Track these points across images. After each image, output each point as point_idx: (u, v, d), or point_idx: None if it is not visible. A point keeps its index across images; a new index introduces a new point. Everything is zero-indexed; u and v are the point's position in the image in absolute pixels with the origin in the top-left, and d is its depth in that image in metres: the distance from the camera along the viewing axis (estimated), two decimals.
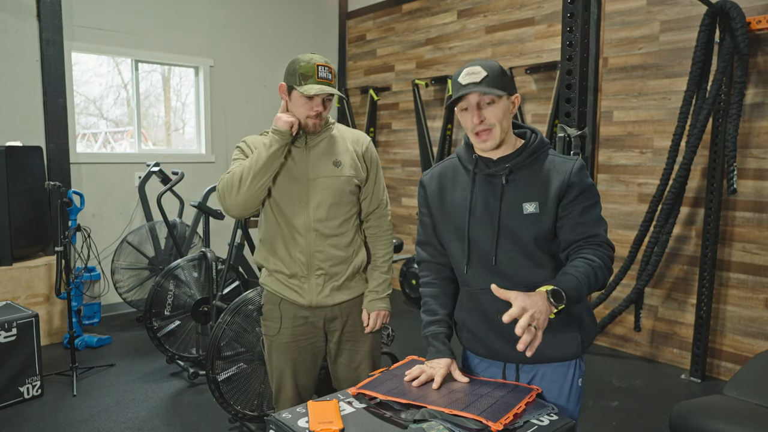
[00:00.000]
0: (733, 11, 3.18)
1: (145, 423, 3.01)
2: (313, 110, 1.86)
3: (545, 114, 4.46)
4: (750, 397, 2.26)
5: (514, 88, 1.54)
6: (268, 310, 2.04)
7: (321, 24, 6.14)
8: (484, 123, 1.47)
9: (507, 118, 1.50)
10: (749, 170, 3.47)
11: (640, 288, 3.69)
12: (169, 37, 5.11)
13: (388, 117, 5.85)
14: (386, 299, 2.06)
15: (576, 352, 1.55)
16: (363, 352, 2.05)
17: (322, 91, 1.81)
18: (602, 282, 1.44)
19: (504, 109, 1.48)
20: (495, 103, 1.46)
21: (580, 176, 1.48)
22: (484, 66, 1.46)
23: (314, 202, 1.92)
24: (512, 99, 1.51)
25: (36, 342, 3.24)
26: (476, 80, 1.44)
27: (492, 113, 1.46)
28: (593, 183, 1.52)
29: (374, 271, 2.06)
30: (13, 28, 4.33)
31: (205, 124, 5.44)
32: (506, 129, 1.50)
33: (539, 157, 1.52)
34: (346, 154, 1.96)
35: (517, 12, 4.62)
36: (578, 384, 1.58)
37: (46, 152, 4.42)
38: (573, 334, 1.54)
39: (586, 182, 1.49)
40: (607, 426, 3.03)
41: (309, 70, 1.83)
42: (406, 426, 1.32)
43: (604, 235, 1.49)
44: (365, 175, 2.00)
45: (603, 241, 1.48)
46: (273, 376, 2.06)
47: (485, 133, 1.48)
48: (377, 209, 2.05)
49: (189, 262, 3.70)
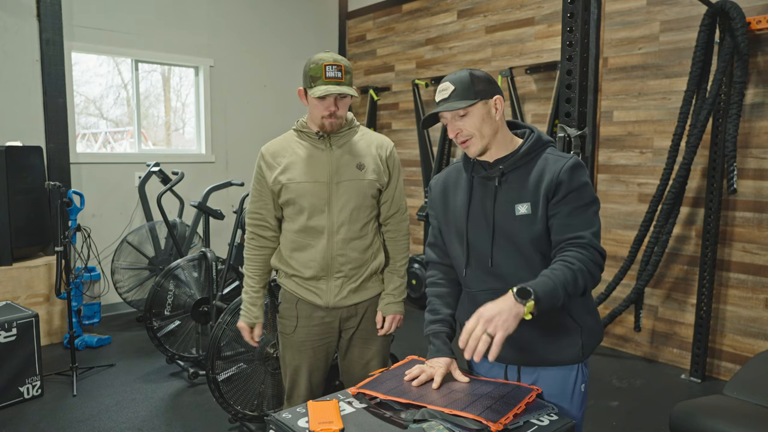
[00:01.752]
0: (733, 11, 3.18)
1: (145, 423, 3.01)
2: (327, 110, 1.85)
3: (545, 114, 4.45)
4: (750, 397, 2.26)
5: (494, 90, 1.49)
6: (284, 309, 2.05)
7: (321, 24, 6.14)
8: (462, 134, 1.49)
9: (487, 123, 1.48)
10: (749, 170, 3.47)
11: (640, 288, 3.69)
12: (169, 37, 5.11)
13: (388, 117, 5.85)
14: (401, 303, 2.08)
15: (576, 358, 1.53)
16: (374, 350, 2.06)
17: (328, 92, 1.79)
18: (583, 287, 1.38)
19: (481, 117, 1.47)
20: (468, 113, 1.47)
21: (570, 174, 1.44)
22: (452, 80, 1.48)
23: (337, 205, 1.91)
24: (491, 102, 1.49)
25: (36, 342, 3.24)
26: (445, 96, 1.48)
27: (467, 124, 1.47)
28: (587, 182, 1.46)
29: (392, 275, 2.07)
30: (13, 27, 4.33)
31: (205, 124, 5.44)
32: (489, 134, 1.49)
33: (534, 157, 1.50)
34: (369, 157, 1.96)
35: (517, 12, 4.62)
36: (581, 389, 1.56)
37: (46, 152, 4.42)
38: (573, 339, 1.52)
39: (577, 181, 1.44)
40: (607, 426, 3.03)
41: (317, 71, 1.82)
42: (406, 426, 1.32)
43: (590, 237, 1.42)
44: (387, 180, 2.00)
45: (588, 243, 1.41)
46: (286, 373, 2.08)
47: (466, 142, 1.50)
48: (396, 213, 2.05)
49: (189, 262, 3.70)
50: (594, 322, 1.57)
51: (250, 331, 2.07)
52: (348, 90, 1.83)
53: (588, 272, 1.38)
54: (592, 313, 1.58)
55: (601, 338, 1.62)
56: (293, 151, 1.95)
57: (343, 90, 1.81)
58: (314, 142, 1.93)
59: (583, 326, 1.53)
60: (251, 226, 2.03)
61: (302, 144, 1.95)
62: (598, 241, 1.44)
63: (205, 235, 3.95)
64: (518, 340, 1.52)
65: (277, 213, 2.01)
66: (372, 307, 2.05)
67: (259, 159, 1.98)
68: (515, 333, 1.51)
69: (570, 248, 1.41)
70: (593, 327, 1.56)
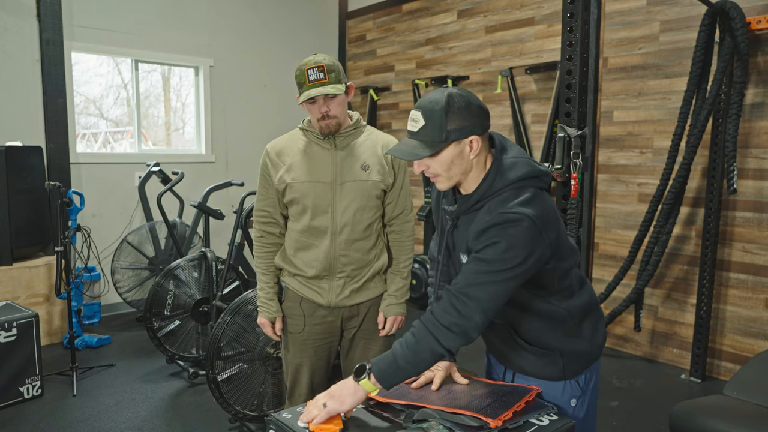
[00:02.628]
0: (733, 11, 3.18)
1: (145, 423, 3.01)
2: (319, 113, 1.85)
3: (545, 114, 4.45)
4: (750, 397, 2.26)
5: (472, 128, 1.32)
6: (288, 307, 2.05)
7: (321, 24, 6.14)
8: (428, 171, 1.38)
9: (457, 164, 1.35)
10: (749, 170, 3.47)
11: (640, 288, 3.69)
12: (169, 37, 5.11)
13: (388, 117, 5.85)
14: (403, 305, 2.07)
15: (559, 376, 1.49)
16: (376, 350, 2.06)
17: (309, 95, 1.79)
18: (424, 348, 1.31)
19: (449, 159, 1.34)
20: (438, 154, 1.34)
21: (477, 237, 1.31)
22: (424, 111, 1.32)
23: (341, 206, 1.91)
24: (465, 143, 1.33)
25: (36, 342, 3.23)
26: (414, 130, 1.35)
27: (434, 163, 1.35)
28: (497, 243, 1.27)
29: (395, 276, 2.06)
30: (13, 27, 4.33)
31: (205, 124, 5.44)
32: (458, 173, 1.37)
33: (483, 205, 1.37)
34: (374, 158, 1.95)
35: (517, 12, 4.62)
36: (571, 404, 1.51)
37: (46, 152, 4.42)
38: (552, 360, 1.48)
39: (483, 243, 1.29)
40: (607, 426, 3.03)
41: (301, 78, 1.82)
42: (405, 426, 1.32)
43: (462, 285, 1.30)
44: (392, 181, 1.99)
45: (452, 297, 1.30)
46: (288, 372, 2.08)
47: (434, 178, 1.40)
48: (401, 214, 2.04)
49: (189, 262, 3.70)
50: (579, 346, 1.49)
51: (272, 326, 2.06)
52: (331, 89, 1.79)
53: (430, 336, 1.31)
54: (576, 337, 1.48)
55: (596, 358, 1.53)
56: (298, 150, 1.94)
57: (326, 90, 1.78)
58: (319, 141, 1.93)
59: (563, 351, 1.47)
60: (259, 224, 2.03)
61: (307, 143, 1.95)
62: (471, 300, 1.28)
63: (205, 235, 3.95)
64: (505, 352, 1.54)
65: (283, 210, 2.01)
66: (374, 308, 2.05)
67: (264, 156, 1.98)
68: (501, 345, 1.55)
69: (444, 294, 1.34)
70: (577, 351, 1.49)
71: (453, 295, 1.31)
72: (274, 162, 1.95)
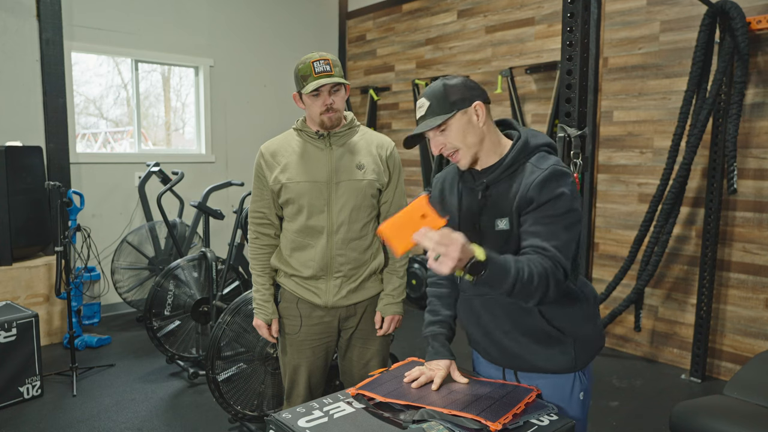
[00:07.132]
0: (733, 11, 3.18)
1: (145, 423, 3.01)
2: (323, 105, 1.85)
3: (545, 114, 4.45)
4: (750, 397, 2.25)
5: (473, 96, 1.43)
6: (285, 308, 2.05)
7: (321, 24, 6.14)
8: (446, 148, 1.47)
9: (470, 132, 1.44)
10: (749, 170, 3.47)
11: (640, 288, 3.69)
12: (169, 37, 5.11)
13: (388, 117, 5.85)
14: (400, 304, 2.08)
15: (570, 367, 1.50)
16: (373, 350, 2.06)
17: (320, 84, 1.80)
18: (534, 288, 1.30)
19: (461, 128, 1.44)
20: (448, 127, 1.44)
21: (539, 189, 1.37)
22: (427, 95, 1.46)
23: (337, 205, 1.91)
24: (471, 110, 1.44)
25: (36, 342, 3.24)
26: (422, 113, 1.46)
27: (449, 137, 1.45)
28: (561, 193, 1.37)
29: (391, 276, 2.07)
30: (13, 28, 4.33)
31: (205, 124, 5.44)
32: (475, 142, 1.45)
33: (518, 168, 1.45)
34: (369, 157, 1.95)
35: (517, 12, 4.62)
36: (578, 397, 1.53)
37: (46, 152, 4.42)
38: (564, 349, 1.49)
39: (547, 195, 1.36)
40: (607, 426, 3.03)
41: (306, 70, 1.83)
42: (405, 426, 1.32)
43: (554, 251, 1.34)
44: (387, 180, 1.99)
45: (552, 256, 1.33)
46: (286, 372, 2.08)
47: (453, 156, 1.48)
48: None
49: (189, 262, 3.70)
50: (591, 332, 1.54)
51: (268, 328, 2.06)
52: (340, 79, 1.84)
53: (545, 278, 1.31)
54: (590, 322, 1.54)
55: (601, 346, 1.58)
56: (293, 150, 1.95)
57: (335, 80, 1.82)
58: (314, 141, 1.93)
59: (576, 337, 1.50)
60: (254, 225, 2.03)
61: (302, 143, 1.95)
62: (563, 256, 1.35)
63: (205, 235, 3.95)
64: (510, 347, 1.52)
65: (278, 211, 2.01)
66: (371, 307, 2.05)
67: (259, 157, 1.98)
68: (506, 341, 1.52)
69: (533, 254, 1.35)
70: (589, 337, 1.53)
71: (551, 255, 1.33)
72: (269, 163, 1.95)
